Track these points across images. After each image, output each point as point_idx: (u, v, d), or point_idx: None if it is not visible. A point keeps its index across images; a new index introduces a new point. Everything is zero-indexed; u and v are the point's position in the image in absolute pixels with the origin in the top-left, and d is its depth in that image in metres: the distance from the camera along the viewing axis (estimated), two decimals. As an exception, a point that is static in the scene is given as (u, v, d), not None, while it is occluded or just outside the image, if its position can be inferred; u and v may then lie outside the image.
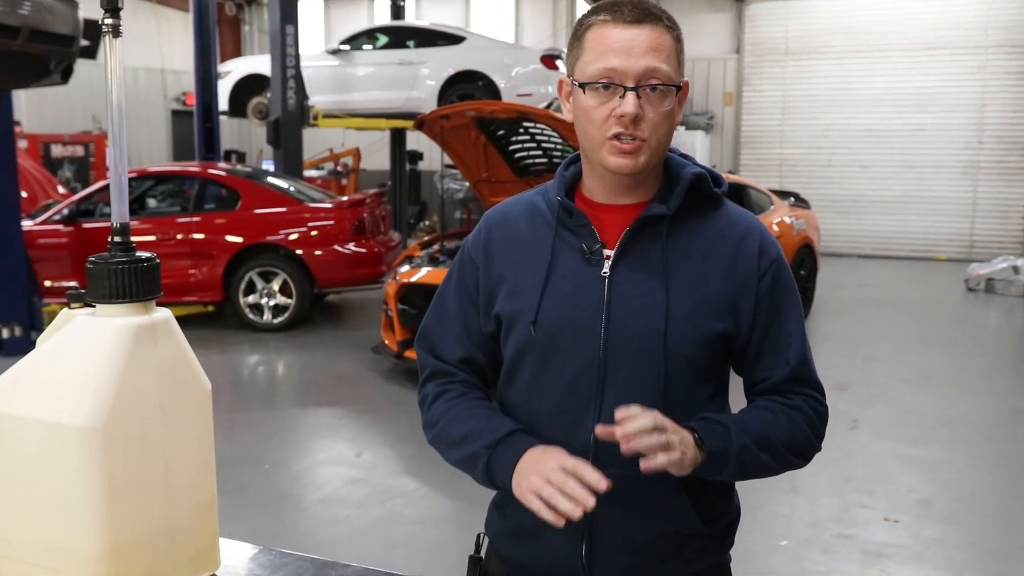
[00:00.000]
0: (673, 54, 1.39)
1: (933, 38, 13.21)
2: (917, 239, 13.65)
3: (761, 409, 1.47)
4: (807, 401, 1.49)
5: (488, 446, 1.43)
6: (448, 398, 1.54)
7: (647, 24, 1.37)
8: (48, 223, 8.16)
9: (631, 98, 1.35)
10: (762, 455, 1.42)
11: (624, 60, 1.35)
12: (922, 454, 5.08)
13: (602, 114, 1.38)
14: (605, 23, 1.38)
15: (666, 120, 1.39)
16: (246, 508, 4.34)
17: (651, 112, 1.37)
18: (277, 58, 9.85)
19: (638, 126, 1.37)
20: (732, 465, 1.39)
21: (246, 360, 7.50)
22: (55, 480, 1.19)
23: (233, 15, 18.28)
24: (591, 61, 1.38)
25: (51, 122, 14.67)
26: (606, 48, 1.37)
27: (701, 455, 1.35)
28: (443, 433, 1.52)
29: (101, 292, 1.23)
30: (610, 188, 1.47)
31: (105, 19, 1.20)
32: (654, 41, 1.36)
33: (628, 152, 1.38)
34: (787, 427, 1.45)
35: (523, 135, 6.51)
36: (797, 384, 1.49)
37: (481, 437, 1.45)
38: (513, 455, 1.40)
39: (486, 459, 1.43)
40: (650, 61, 1.35)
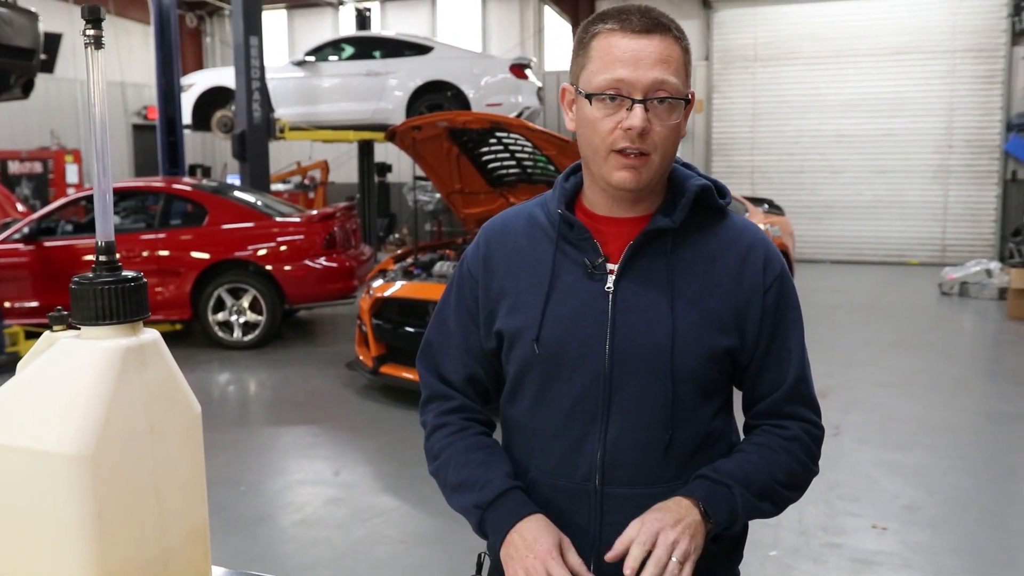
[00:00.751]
0: (682, 66, 1.35)
1: (901, 43, 13.39)
2: (890, 244, 13.79)
3: (762, 448, 1.45)
4: (804, 428, 1.48)
5: (480, 506, 1.41)
6: (447, 433, 1.52)
7: (656, 34, 1.32)
8: (7, 242, 7.95)
9: (638, 111, 1.31)
10: (763, 505, 1.42)
11: (632, 71, 1.31)
12: (906, 460, 5.07)
13: (608, 126, 1.34)
14: (612, 32, 1.33)
15: (672, 134, 1.35)
16: (222, 531, 4.20)
17: (658, 126, 1.33)
18: (241, 70, 9.72)
19: (644, 140, 1.33)
20: (736, 524, 1.40)
21: (216, 379, 7.34)
22: (42, 510, 1.14)
23: (194, 27, 18.09)
24: (597, 71, 1.34)
25: (6, 138, 14.38)
26: (614, 58, 1.32)
27: (707, 526, 1.34)
28: (441, 473, 1.51)
29: (86, 314, 1.18)
30: (612, 201, 1.43)
31: (87, 30, 1.16)
32: (663, 52, 1.32)
33: (632, 167, 1.34)
34: (787, 465, 1.44)
35: (496, 145, 6.45)
36: (793, 404, 1.47)
37: (474, 492, 1.43)
38: (505, 523, 1.38)
39: (478, 518, 1.42)
40: (659, 73, 1.31)
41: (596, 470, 1.41)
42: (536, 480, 1.47)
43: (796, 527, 4.14)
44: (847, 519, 4.26)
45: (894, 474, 4.84)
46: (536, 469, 1.47)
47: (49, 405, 1.14)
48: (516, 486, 1.42)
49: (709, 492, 1.36)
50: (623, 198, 1.42)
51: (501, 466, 1.45)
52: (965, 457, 5.20)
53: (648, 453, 1.41)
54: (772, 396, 1.46)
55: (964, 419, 5.93)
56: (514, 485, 1.42)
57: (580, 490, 1.43)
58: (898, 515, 4.30)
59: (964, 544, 4.03)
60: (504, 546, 1.35)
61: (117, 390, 1.16)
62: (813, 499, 4.44)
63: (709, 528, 1.34)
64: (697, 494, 1.35)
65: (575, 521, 1.42)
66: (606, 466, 1.41)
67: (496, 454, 1.48)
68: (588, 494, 1.43)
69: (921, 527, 4.18)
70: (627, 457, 1.41)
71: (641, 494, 1.40)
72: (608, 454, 1.41)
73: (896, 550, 3.94)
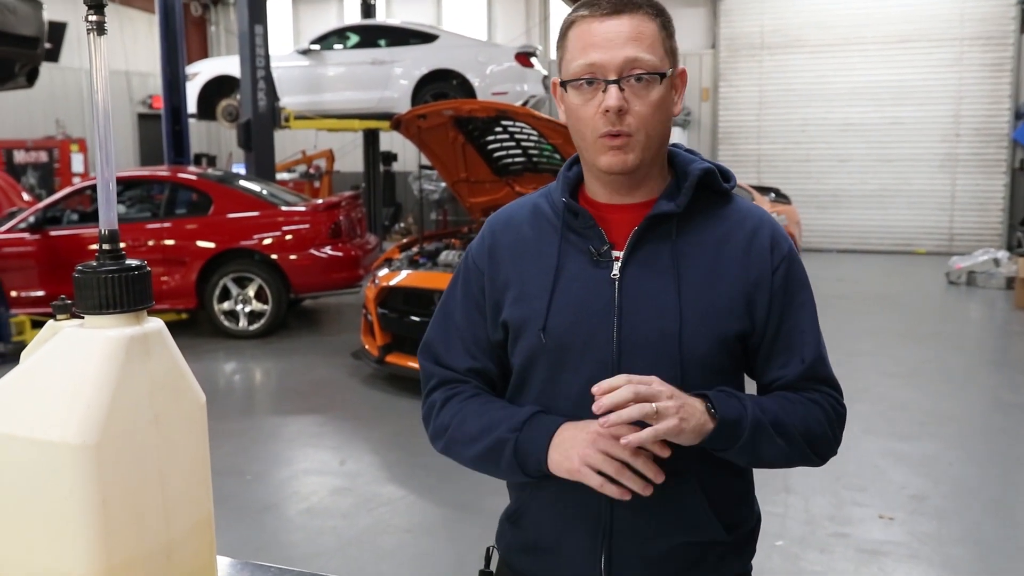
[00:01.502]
0: (658, 41, 1.34)
1: (908, 31, 13.31)
2: (897, 233, 13.74)
3: (778, 397, 1.41)
4: (825, 397, 1.44)
5: (513, 428, 1.37)
6: (459, 399, 1.48)
7: (626, 14, 1.32)
8: (13, 231, 7.96)
9: (613, 91, 1.31)
10: (777, 439, 1.35)
11: (604, 53, 1.31)
12: (912, 449, 5.06)
13: (588, 112, 1.34)
14: (584, 19, 1.35)
15: (656, 112, 1.34)
16: (228, 521, 4.21)
17: (637, 104, 1.32)
18: (246, 59, 9.70)
19: (623, 120, 1.32)
20: (745, 439, 1.31)
21: (222, 368, 7.35)
22: (46, 500, 1.13)
23: (199, 15, 18.06)
24: (573, 58, 1.35)
25: (12, 127, 14.37)
26: (586, 43, 1.33)
27: (712, 423, 1.28)
28: (457, 432, 1.45)
29: (90, 302, 1.17)
30: (612, 188, 1.42)
31: (89, 15, 1.15)
32: (634, 30, 1.32)
33: (617, 147, 1.33)
34: (804, 416, 1.39)
35: (501, 134, 6.43)
36: (813, 382, 1.44)
37: (503, 424, 1.39)
38: (543, 433, 1.35)
39: (513, 443, 1.37)
40: (630, 51, 1.31)
41: None
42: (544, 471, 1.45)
43: (803, 517, 4.14)
44: (854, 509, 4.25)
45: (901, 464, 4.83)
46: None
47: (53, 394, 1.13)
48: (544, 411, 1.39)
49: (718, 395, 1.32)
50: (621, 183, 1.40)
51: (524, 405, 1.43)
52: (972, 447, 5.18)
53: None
54: (788, 377, 1.42)
55: (971, 409, 5.91)
56: (542, 411, 1.39)
57: None
58: (905, 505, 4.29)
59: (971, 534, 4.02)
60: (553, 448, 1.33)
61: (121, 379, 1.14)
62: (820, 489, 4.43)
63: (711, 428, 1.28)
64: (704, 393, 1.32)
65: (584, 511, 1.41)
66: None
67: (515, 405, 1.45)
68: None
69: (928, 517, 4.16)
70: None
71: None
72: None
73: (903, 540, 3.93)
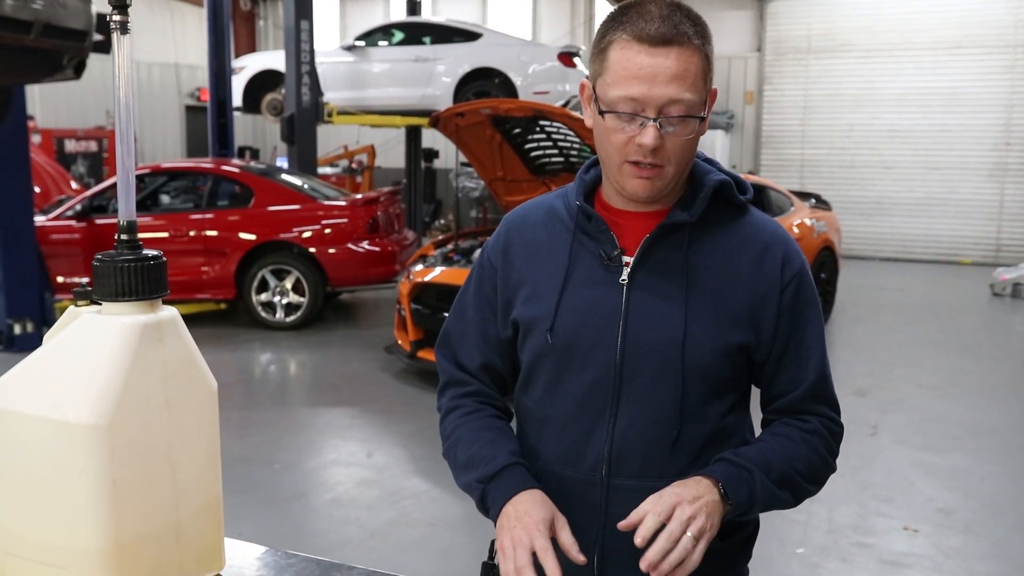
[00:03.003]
0: (700, 76, 1.32)
1: (960, 36, 13.05)
2: (942, 242, 13.51)
3: (781, 438, 1.44)
4: (823, 423, 1.46)
5: (482, 481, 1.43)
6: (459, 415, 1.54)
7: (674, 47, 1.29)
8: (60, 219, 8.16)
9: (651, 130, 1.30)
10: (783, 494, 1.41)
11: (647, 89, 1.29)
12: (944, 462, 4.99)
13: (621, 139, 1.33)
14: (629, 44, 1.30)
15: (688, 146, 1.35)
16: (255, 508, 4.30)
17: (671, 141, 1.32)
18: (292, 54, 9.82)
19: (657, 154, 1.32)
20: (754, 510, 1.39)
21: (258, 359, 7.47)
22: (61, 478, 1.18)
23: (248, 10, 18.30)
24: (612, 84, 1.32)
25: (64, 117, 14.71)
26: (629, 74, 1.30)
27: (725, 508, 1.34)
28: (452, 453, 1.53)
29: (107, 290, 1.22)
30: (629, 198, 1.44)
31: (113, 15, 1.19)
32: (679, 68, 1.29)
33: (646, 178, 1.35)
34: (807, 456, 1.43)
35: (539, 134, 6.45)
36: (813, 401, 1.46)
37: (478, 468, 1.44)
38: (502, 496, 1.39)
39: (480, 493, 1.43)
40: (673, 91, 1.29)
41: (603, 461, 1.43)
42: (545, 469, 1.48)
43: (826, 526, 4.11)
44: (879, 520, 4.21)
45: (930, 476, 4.77)
46: (545, 458, 1.49)
47: (70, 377, 1.18)
48: (518, 463, 1.43)
49: (729, 474, 1.35)
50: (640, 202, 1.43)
51: (506, 444, 1.46)
52: (1006, 461, 5.09)
53: (656, 447, 1.41)
54: (791, 394, 1.45)
55: (1008, 423, 5.81)
56: (516, 462, 1.43)
57: (587, 480, 1.44)
58: (931, 518, 4.24)
59: (998, 550, 3.96)
60: (499, 518, 1.37)
61: (134, 364, 1.19)
62: (845, 498, 4.40)
63: (727, 510, 1.34)
64: (717, 475, 1.35)
65: (582, 510, 1.43)
66: (613, 458, 1.42)
67: (504, 433, 1.50)
68: (594, 484, 1.44)
69: (955, 531, 4.11)
70: (634, 450, 1.42)
71: (647, 487, 1.40)
72: (616, 446, 1.42)
73: (927, 553, 3.89)
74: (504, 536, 1.32)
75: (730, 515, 1.35)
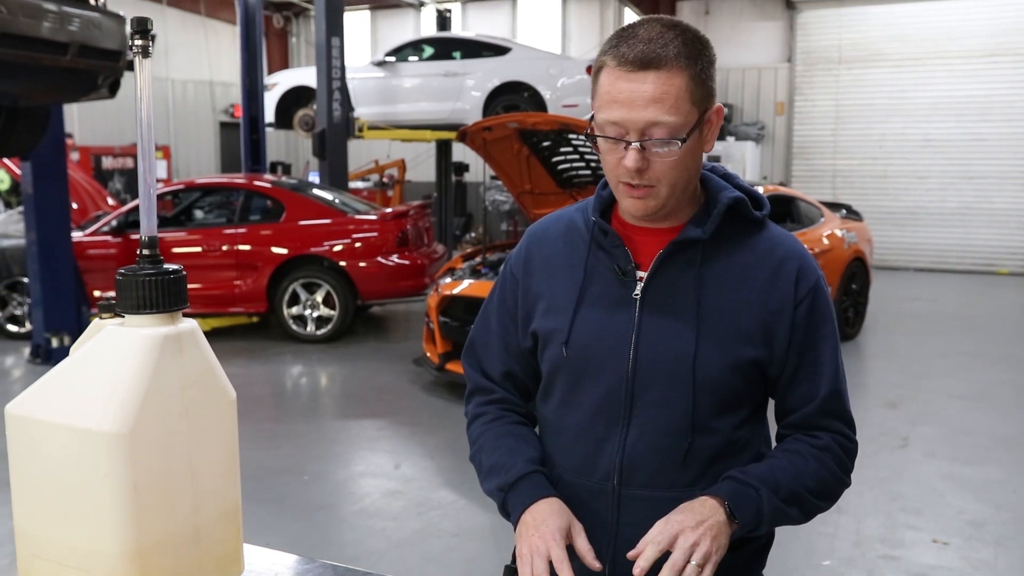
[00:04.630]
0: (684, 96, 1.32)
1: (993, 45, 12.90)
2: (977, 252, 13.33)
3: (791, 455, 1.46)
4: (835, 439, 1.48)
5: (503, 488, 1.48)
6: (484, 421, 1.59)
7: (651, 70, 1.31)
8: (97, 234, 8.32)
9: (632, 153, 1.34)
10: (791, 511, 1.43)
11: (626, 113, 1.32)
12: (975, 474, 4.93)
13: (612, 161, 1.38)
14: (612, 69, 1.34)
15: (677, 167, 1.36)
16: (285, 518, 4.35)
17: (657, 163, 1.35)
18: (323, 70, 9.95)
19: (643, 175, 1.35)
20: (762, 527, 1.41)
21: (289, 371, 7.56)
22: (84, 484, 1.23)
23: (281, 27, 18.55)
24: (599, 108, 1.37)
25: (102, 135, 14.99)
26: (610, 98, 1.34)
27: (732, 527, 1.36)
28: (477, 458, 1.58)
29: (129, 303, 1.27)
30: None
31: (135, 40, 1.23)
32: (658, 91, 1.31)
33: (638, 197, 1.38)
34: (816, 473, 1.44)
35: (567, 147, 6.48)
36: (827, 417, 1.47)
37: (500, 475, 1.49)
38: (521, 504, 1.44)
39: (501, 500, 1.49)
40: (651, 115, 1.31)
41: (615, 471, 1.45)
42: (560, 477, 1.51)
43: (853, 538, 4.08)
44: (907, 532, 4.17)
45: (961, 489, 4.71)
46: (561, 466, 1.52)
47: (93, 387, 1.23)
48: (537, 470, 1.47)
49: (735, 492, 1.38)
50: None
51: (527, 451, 1.50)
52: (1039, 474, 5.03)
53: (667, 458, 1.44)
54: (804, 410, 1.47)
55: (1042, 435, 5.72)
56: (535, 469, 1.47)
57: (599, 489, 1.47)
58: (961, 530, 4.19)
59: (1030, 563, 3.91)
60: (518, 525, 1.42)
61: (155, 374, 1.23)
62: (873, 510, 4.36)
63: (734, 529, 1.36)
64: (722, 494, 1.37)
65: (594, 519, 1.46)
66: (624, 468, 1.45)
67: (526, 440, 1.54)
68: (606, 494, 1.47)
69: (985, 543, 4.06)
70: (645, 461, 1.44)
71: (658, 497, 1.43)
72: (627, 457, 1.44)
73: (956, 566, 3.84)
74: (523, 544, 1.37)
75: (738, 533, 1.37)
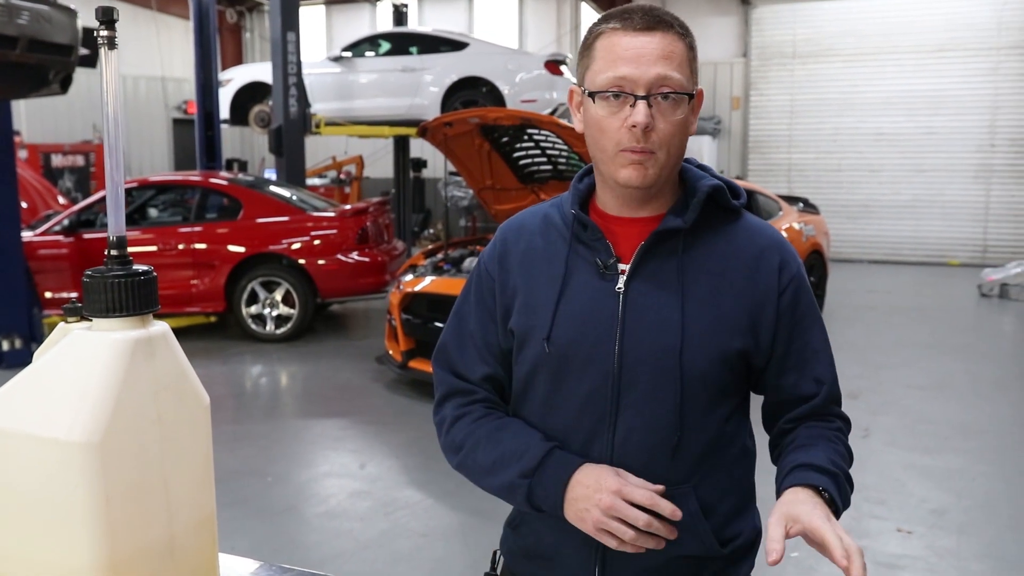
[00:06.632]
0: (685, 62, 1.35)
1: (944, 40, 13.17)
2: (929, 244, 13.60)
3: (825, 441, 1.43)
4: (842, 424, 1.49)
5: (525, 475, 1.39)
6: (470, 420, 1.50)
7: (658, 31, 1.33)
8: (48, 234, 8.12)
9: (641, 107, 1.31)
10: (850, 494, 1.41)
11: (635, 68, 1.31)
12: (936, 463, 5.01)
13: (613, 124, 1.34)
14: (615, 31, 1.34)
15: (679, 130, 1.35)
16: (248, 521, 4.28)
17: (662, 122, 1.33)
18: (279, 65, 9.83)
19: (648, 137, 1.33)
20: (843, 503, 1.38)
21: (248, 371, 7.44)
22: (52, 496, 1.17)
23: (234, 22, 18.29)
24: (601, 70, 1.34)
25: (51, 132, 14.65)
26: (616, 56, 1.33)
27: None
28: (470, 460, 1.47)
29: (98, 306, 1.21)
30: (623, 201, 1.43)
31: (101, 31, 1.18)
32: (665, 48, 1.32)
33: (638, 162, 1.34)
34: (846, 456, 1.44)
35: (527, 142, 6.46)
36: (832, 404, 1.48)
37: (514, 463, 1.40)
38: (557, 483, 1.36)
39: (525, 491, 1.39)
40: (661, 68, 1.31)
41: None
42: None
43: (820, 529, 4.11)
44: (872, 522, 4.22)
45: (923, 478, 4.78)
46: None
47: (60, 394, 1.17)
48: (555, 446, 1.41)
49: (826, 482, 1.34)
50: (633, 197, 1.41)
51: (533, 433, 1.43)
52: (997, 462, 5.11)
53: (656, 455, 1.40)
54: (812, 402, 1.45)
55: (999, 423, 5.83)
56: (553, 445, 1.40)
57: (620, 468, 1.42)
58: (925, 519, 4.25)
59: (991, 550, 3.97)
60: (568, 504, 1.34)
61: (126, 380, 1.18)
62: (839, 501, 4.40)
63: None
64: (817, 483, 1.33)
65: None
66: (614, 466, 1.40)
67: (524, 426, 1.46)
68: None
69: (948, 532, 4.12)
70: (634, 459, 1.40)
71: None
72: (616, 455, 1.40)
73: (921, 554, 3.90)
74: (593, 512, 1.30)
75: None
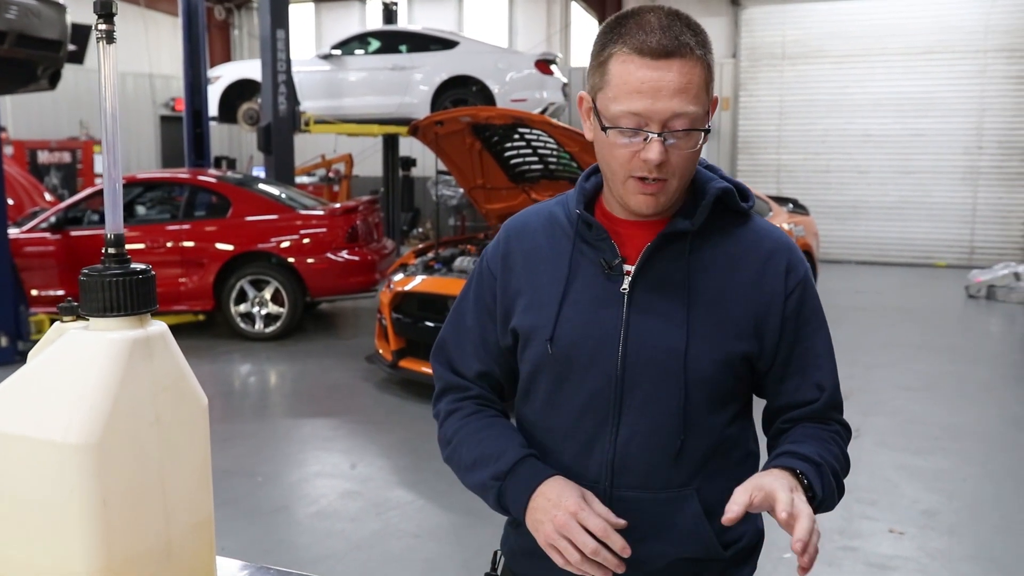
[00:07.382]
0: (703, 87, 1.29)
1: (932, 42, 13.22)
2: (916, 245, 13.65)
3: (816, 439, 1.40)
4: (844, 430, 1.47)
5: (496, 477, 1.39)
6: (461, 415, 1.50)
7: (676, 59, 1.26)
8: (35, 231, 8.04)
9: (656, 144, 1.27)
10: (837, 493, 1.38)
11: (650, 103, 1.26)
12: (926, 464, 5.02)
13: (625, 154, 1.31)
14: (630, 57, 1.27)
15: (692, 158, 1.33)
16: (238, 522, 4.24)
17: (676, 155, 1.30)
18: (268, 63, 9.78)
19: (662, 169, 1.30)
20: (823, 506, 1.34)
21: (237, 370, 7.40)
22: (49, 499, 1.15)
23: (222, 19, 18.21)
24: (614, 99, 1.29)
25: (37, 128, 14.55)
26: (631, 88, 1.27)
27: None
28: (455, 455, 1.49)
29: (95, 305, 1.19)
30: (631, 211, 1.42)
31: (98, 24, 1.16)
32: (682, 81, 1.26)
33: (651, 193, 1.32)
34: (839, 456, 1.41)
35: (518, 141, 6.45)
36: (832, 410, 1.45)
37: (490, 465, 1.40)
38: (524, 490, 1.36)
39: (496, 492, 1.40)
40: (677, 105, 1.26)
41: (605, 473, 1.40)
42: None
43: (812, 530, 4.11)
44: (864, 523, 4.22)
45: (914, 478, 4.80)
46: None
47: (56, 395, 1.15)
48: (531, 454, 1.40)
49: (804, 467, 1.31)
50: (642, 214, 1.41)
51: (515, 438, 1.43)
52: (987, 462, 5.14)
53: (658, 458, 1.39)
54: (812, 406, 1.43)
55: (988, 424, 5.86)
56: (529, 453, 1.40)
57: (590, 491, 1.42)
58: (916, 520, 4.26)
59: (982, 551, 3.98)
60: (529, 512, 1.33)
61: (124, 381, 1.16)
62: (830, 502, 4.41)
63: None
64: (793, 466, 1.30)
65: None
66: (615, 469, 1.39)
67: (509, 429, 1.47)
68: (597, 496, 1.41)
69: (939, 532, 4.13)
70: (637, 461, 1.39)
71: (650, 498, 1.39)
72: (618, 457, 1.39)
73: (913, 555, 3.90)
74: (546, 527, 1.29)
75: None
